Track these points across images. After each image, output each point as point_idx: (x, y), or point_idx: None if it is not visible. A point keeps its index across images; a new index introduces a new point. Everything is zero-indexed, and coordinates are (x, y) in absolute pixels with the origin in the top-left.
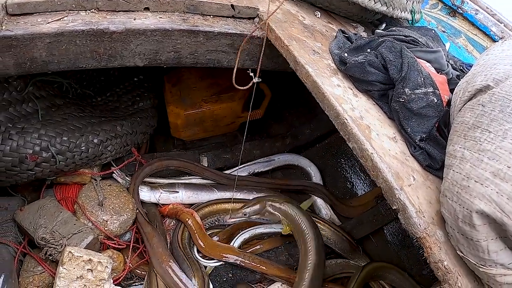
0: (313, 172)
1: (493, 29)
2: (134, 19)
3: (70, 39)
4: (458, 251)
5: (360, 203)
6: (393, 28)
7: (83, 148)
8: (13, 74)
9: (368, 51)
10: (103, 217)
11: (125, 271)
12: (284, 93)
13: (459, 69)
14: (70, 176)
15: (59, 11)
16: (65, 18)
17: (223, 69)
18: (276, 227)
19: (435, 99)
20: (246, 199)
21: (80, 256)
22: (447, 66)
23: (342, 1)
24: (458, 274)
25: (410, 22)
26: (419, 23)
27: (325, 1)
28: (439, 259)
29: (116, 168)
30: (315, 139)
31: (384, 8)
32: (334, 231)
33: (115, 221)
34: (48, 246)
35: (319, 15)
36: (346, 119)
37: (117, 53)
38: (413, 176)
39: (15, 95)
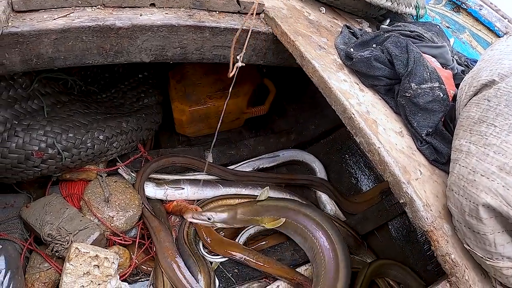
0: (318, 167)
1: (498, 24)
2: (140, 15)
3: (77, 35)
4: (465, 245)
5: (364, 199)
6: (398, 24)
7: (89, 144)
8: (19, 71)
9: (374, 46)
10: (109, 213)
11: (131, 267)
12: (289, 89)
13: (464, 64)
14: (75, 172)
15: (65, 7)
16: (71, 14)
17: (228, 65)
18: None
19: (441, 93)
20: (251, 195)
21: (87, 252)
22: (452, 61)
23: None
24: (465, 267)
25: (415, 17)
26: (423, 19)
27: None
28: (447, 252)
29: (122, 164)
30: (319, 135)
31: (389, 4)
32: (339, 227)
33: (121, 217)
34: (55, 242)
35: (324, 11)
36: (353, 114)
37: (123, 49)
38: (419, 170)
39: (20, 92)
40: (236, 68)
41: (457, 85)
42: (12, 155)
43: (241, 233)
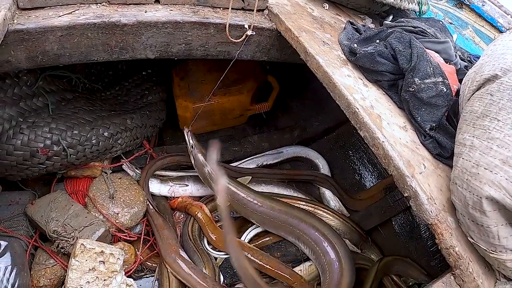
0: (321, 164)
1: (500, 20)
2: (145, 12)
3: (82, 32)
4: (469, 238)
5: (367, 196)
6: (402, 19)
7: (93, 141)
8: (25, 68)
9: (377, 41)
10: (114, 210)
11: (136, 263)
12: (292, 85)
13: (467, 60)
14: (80, 169)
15: (70, 4)
16: (77, 11)
17: (231, 61)
18: None
19: (444, 88)
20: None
21: (92, 248)
22: (456, 57)
23: None
24: (470, 260)
25: (417, 13)
26: (426, 15)
27: None
28: (451, 245)
29: (126, 161)
30: (323, 132)
31: (391, 0)
32: (343, 222)
33: (126, 213)
34: (60, 239)
35: (327, 7)
36: (357, 109)
37: (128, 46)
38: (423, 164)
39: (25, 89)
40: (245, 36)
41: (460, 80)
42: (18, 152)
43: (249, 230)
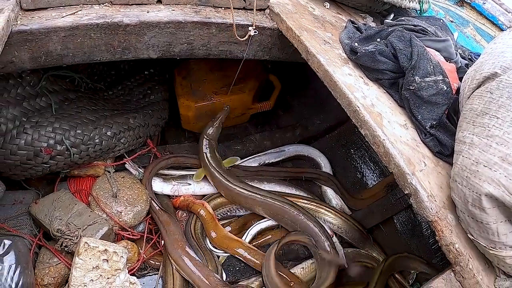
0: (323, 162)
1: (501, 18)
2: (148, 12)
3: (85, 33)
4: (469, 234)
5: (369, 195)
6: (402, 18)
7: (97, 140)
8: (28, 68)
9: (378, 40)
10: (117, 209)
11: (140, 261)
12: (293, 84)
13: (467, 58)
14: (84, 168)
15: (73, 5)
16: (79, 12)
17: (233, 61)
18: None
19: (444, 87)
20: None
21: (96, 246)
22: (456, 55)
23: None
24: (469, 256)
25: (418, 12)
26: (427, 13)
27: None
28: (451, 242)
29: (129, 159)
30: (324, 130)
31: None
32: (345, 221)
33: (129, 212)
34: (64, 237)
35: (328, 6)
36: (358, 107)
37: (131, 46)
38: (424, 162)
39: (28, 89)
40: (249, 36)
41: (460, 78)
42: (21, 152)
43: (251, 227)
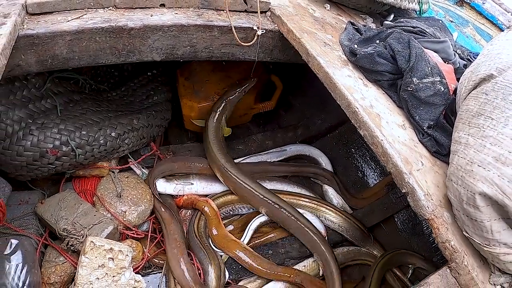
0: (324, 162)
1: (500, 18)
2: (151, 16)
3: (90, 36)
4: (464, 232)
5: (370, 194)
6: (401, 20)
7: (101, 141)
8: (35, 71)
9: (377, 42)
10: (122, 208)
11: (144, 260)
12: (295, 84)
13: (466, 58)
14: (88, 169)
15: (78, 9)
16: (84, 16)
17: (234, 62)
18: None
19: (442, 88)
20: None
21: (102, 245)
22: (454, 56)
23: None
24: (465, 253)
25: (418, 12)
26: (427, 13)
27: None
28: (447, 239)
29: (134, 162)
30: (326, 130)
31: (392, 0)
32: (346, 219)
33: (133, 211)
34: (70, 236)
35: (329, 7)
36: (357, 108)
37: (135, 49)
38: (421, 161)
39: (34, 92)
40: (257, 37)
41: (458, 79)
42: (28, 153)
43: (250, 223)
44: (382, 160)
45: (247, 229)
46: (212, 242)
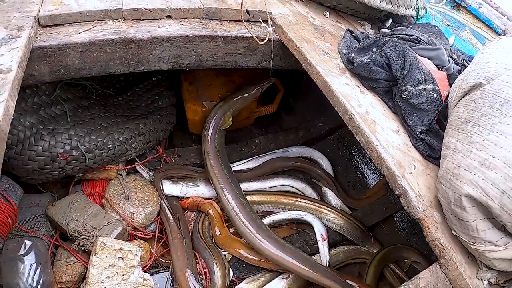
0: (325, 164)
1: (496, 22)
2: (158, 27)
3: (101, 48)
4: (452, 231)
5: (369, 194)
6: (397, 28)
7: (110, 145)
8: (48, 81)
9: (374, 50)
10: (130, 210)
11: (151, 259)
12: (296, 87)
13: (461, 63)
14: (97, 172)
15: (88, 21)
16: (95, 28)
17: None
18: (294, 214)
19: (434, 94)
20: (263, 190)
21: (112, 245)
22: (448, 62)
23: (349, 1)
24: (453, 250)
25: (415, 18)
26: (424, 17)
27: (333, 1)
28: (436, 237)
29: (140, 163)
30: (326, 132)
31: (389, 7)
32: (347, 220)
33: (141, 213)
34: (81, 237)
35: (328, 15)
36: (354, 115)
37: (143, 59)
38: (414, 165)
39: (44, 98)
40: (268, 33)
41: (451, 85)
42: (39, 158)
43: None
44: (377, 163)
45: None
46: (215, 242)
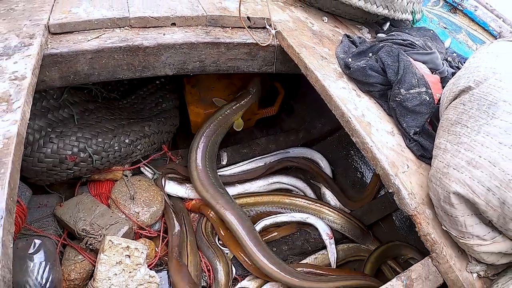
0: (324, 165)
1: (492, 24)
2: (164, 34)
3: (109, 54)
4: (443, 226)
5: (365, 195)
6: (393, 33)
7: (116, 147)
8: (58, 86)
9: (370, 55)
10: (135, 209)
11: (156, 257)
12: (296, 90)
13: (455, 66)
14: (103, 173)
15: (96, 29)
16: (103, 35)
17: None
18: (296, 216)
19: (427, 97)
20: (263, 191)
21: (119, 243)
22: (442, 65)
23: (347, 6)
24: (444, 245)
25: (411, 22)
26: (421, 20)
27: (331, 6)
28: (428, 232)
29: (144, 162)
30: (326, 133)
31: (385, 12)
32: (347, 220)
33: (146, 212)
34: (89, 236)
35: (326, 20)
36: (350, 118)
37: (150, 65)
38: (407, 164)
39: (52, 102)
40: (272, 36)
41: (444, 88)
42: (48, 159)
43: (257, 223)
44: (371, 163)
45: None
46: (219, 241)
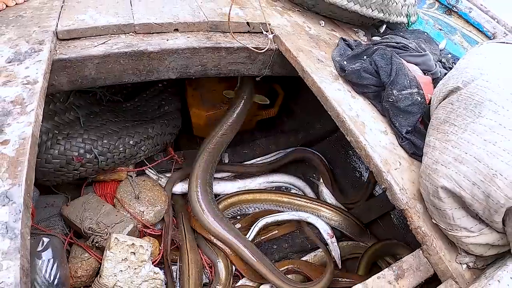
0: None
1: (486, 25)
2: (167, 40)
3: (116, 59)
4: (433, 220)
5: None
6: (387, 36)
7: (121, 149)
8: (66, 90)
9: (364, 58)
10: (140, 209)
11: (160, 255)
12: (296, 91)
13: (449, 67)
14: (108, 174)
15: (102, 35)
16: (109, 41)
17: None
18: (296, 215)
19: (419, 98)
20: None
21: (125, 241)
22: (435, 67)
23: (343, 10)
24: (434, 237)
25: (406, 25)
26: (417, 23)
27: (328, 11)
28: (418, 226)
29: (149, 166)
30: (325, 133)
31: (381, 15)
32: (345, 218)
33: (150, 211)
34: (95, 234)
35: (323, 24)
36: (345, 118)
37: (154, 69)
38: (399, 162)
39: (59, 105)
40: (269, 41)
41: (435, 89)
42: (55, 161)
43: (258, 222)
44: (365, 161)
45: (253, 227)
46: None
